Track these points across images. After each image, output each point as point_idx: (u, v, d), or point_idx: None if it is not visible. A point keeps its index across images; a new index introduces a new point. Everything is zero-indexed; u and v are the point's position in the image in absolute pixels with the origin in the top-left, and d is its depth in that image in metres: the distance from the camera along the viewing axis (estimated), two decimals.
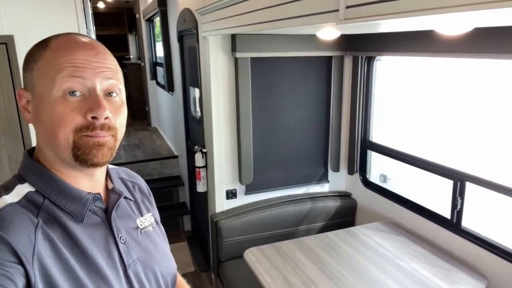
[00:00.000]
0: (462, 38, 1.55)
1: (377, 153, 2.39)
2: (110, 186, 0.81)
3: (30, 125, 0.73)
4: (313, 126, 2.47)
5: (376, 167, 2.47)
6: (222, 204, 2.41)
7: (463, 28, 1.24)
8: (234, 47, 2.13)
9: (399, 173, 2.30)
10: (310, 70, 2.37)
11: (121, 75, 0.74)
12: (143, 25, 5.53)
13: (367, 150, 2.45)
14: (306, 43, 2.23)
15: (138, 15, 5.68)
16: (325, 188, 2.63)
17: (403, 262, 1.79)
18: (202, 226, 3.13)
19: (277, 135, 2.40)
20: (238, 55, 2.13)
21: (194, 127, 3.11)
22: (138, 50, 6.61)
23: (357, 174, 2.50)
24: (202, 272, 3.04)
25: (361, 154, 2.45)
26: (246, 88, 2.20)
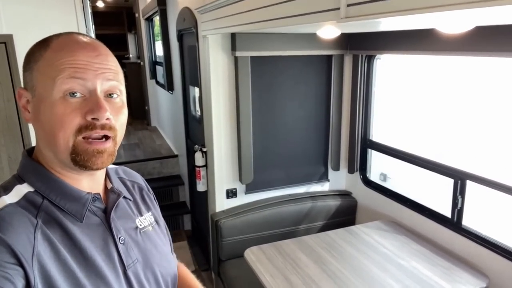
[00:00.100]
0: (463, 37, 1.55)
1: (377, 152, 2.39)
2: (109, 186, 0.80)
3: (30, 124, 0.72)
4: (313, 125, 2.46)
5: (376, 166, 2.47)
6: (222, 203, 2.40)
7: (464, 26, 1.23)
8: (234, 46, 2.12)
9: (399, 172, 2.30)
10: (310, 69, 2.36)
11: (122, 76, 0.73)
12: (143, 24, 5.52)
13: (367, 149, 2.45)
14: (306, 42, 2.22)
15: (137, 14, 5.67)
16: (325, 187, 2.62)
17: (404, 261, 1.79)
18: (202, 226, 3.13)
19: (277, 134, 2.39)
20: (238, 54, 2.13)
21: (194, 126, 3.11)
22: (138, 49, 6.59)
23: (357, 173, 2.50)
24: (203, 271, 3.03)
25: (361, 153, 2.45)
26: (246, 87, 2.20)
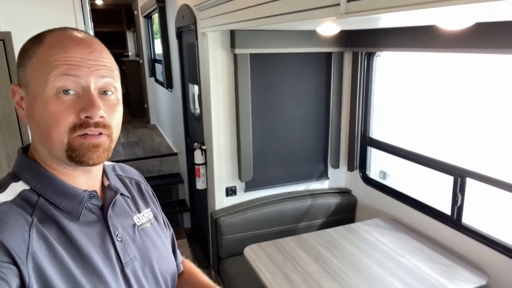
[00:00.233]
0: (463, 33, 1.54)
1: (377, 149, 2.38)
2: (106, 183, 0.79)
3: None
4: (312, 123, 2.46)
5: (375, 164, 2.46)
6: (222, 201, 2.40)
7: (464, 23, 1.23)
8: (233, 43, 2.11)
9: (399, 169, 2.30)
10: (310, 66, 2.35)
11: (117, 73, 0.72)
12: (142, 21, 5.50)
13: (367, 147, 2.44)
14: (305, 39, 2.21)
15: (136, 12, 5.65)
16: (325, 184, 2.62)
17: (404, 258, 1.79)
18: (202, 223, 3.12)
19: (276, 132, 2.39)
20: (238, 51, 2.12)
21: (194, 124, 3.10)
22: (137, 47, 6.58)
23: (357, 171, 2.49)
24: (202, 269, 3.00)
25: (361, 151, 2.44)
26: (245, 84, 2.19)
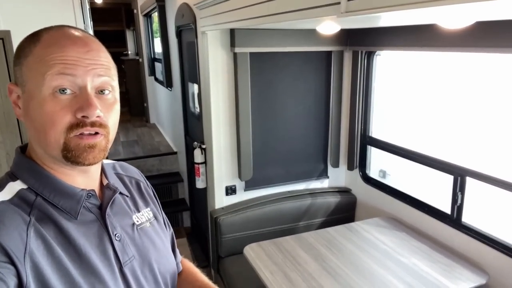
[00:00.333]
0: (463, 32, 1.54)
1: (377, 148, 2.38)
2: (105, 182, 0.79)
3: None
4: (312, 122, 2.45)
5: (375, 163, 2.46)
6: (221, 200, 2.40)
7: (465, 21, 1.22)
8: (233, 42, 2.11)
9: (399, 168, 2.30)
10: (310, 65, 2.35)
11: (114, 72, 0.71)
12: (141, 20, 5.49)
13: (367, 146, 2.44)
14: (305, 38, 2.21)
15: (136, 11, 5.64)
16: (324, 184, 2.62)
17: (404, 257, 1.79)
18: (201, 222, 3.12)
19: (276, 131, 2.38)
20: (237, 50, 2.11)
21: (193, 123, 3.10)
22: (136, 46, 6.56)
23: (356, 170, 2.49)
24: (202, 268, 2.99)
25: (360, 150, 2.44)
26: (245, 83, 2.19)
